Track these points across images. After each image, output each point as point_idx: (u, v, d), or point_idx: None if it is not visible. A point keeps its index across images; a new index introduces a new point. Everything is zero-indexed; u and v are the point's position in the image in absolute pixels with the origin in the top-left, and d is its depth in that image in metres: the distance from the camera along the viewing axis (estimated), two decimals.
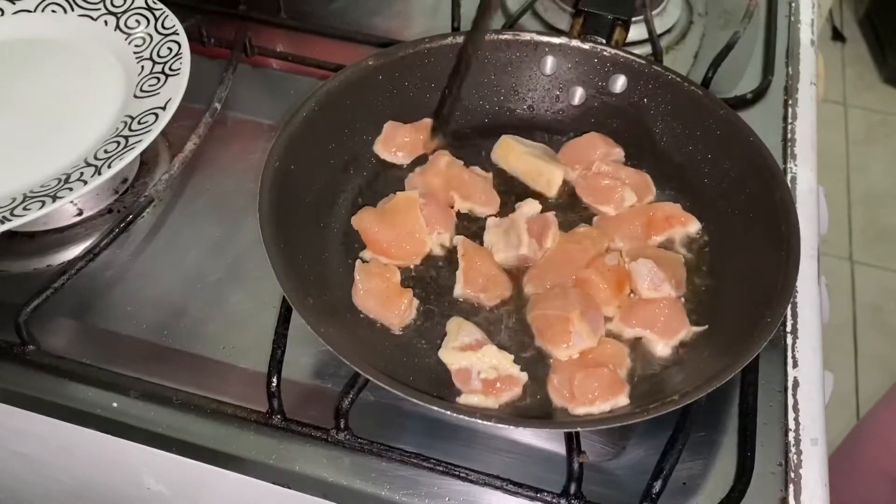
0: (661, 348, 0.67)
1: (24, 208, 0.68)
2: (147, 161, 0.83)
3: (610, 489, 0.62)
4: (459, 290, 0.69)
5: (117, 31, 0.85)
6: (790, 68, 0.98)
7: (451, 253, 0.72)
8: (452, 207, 0.75)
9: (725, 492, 0.62)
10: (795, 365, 0.71)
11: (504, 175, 0.79)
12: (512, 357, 0.64)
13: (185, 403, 0.65)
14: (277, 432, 0.64)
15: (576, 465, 0.60)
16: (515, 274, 0.72)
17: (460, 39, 0.80)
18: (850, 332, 2.19)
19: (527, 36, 0.82)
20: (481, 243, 0.73)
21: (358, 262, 0.70)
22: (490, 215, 0.75)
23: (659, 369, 0.66)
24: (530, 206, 0.75)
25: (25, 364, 0.67)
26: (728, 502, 0.61)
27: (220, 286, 0.74)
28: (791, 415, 0.67)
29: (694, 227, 0.75)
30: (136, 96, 0.79)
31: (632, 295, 0.70)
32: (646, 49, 0.94)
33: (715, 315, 0.69)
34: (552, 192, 0.78)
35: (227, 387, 0.67)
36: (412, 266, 0.71)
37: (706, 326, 0.67)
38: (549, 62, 0.82)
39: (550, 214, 0.74)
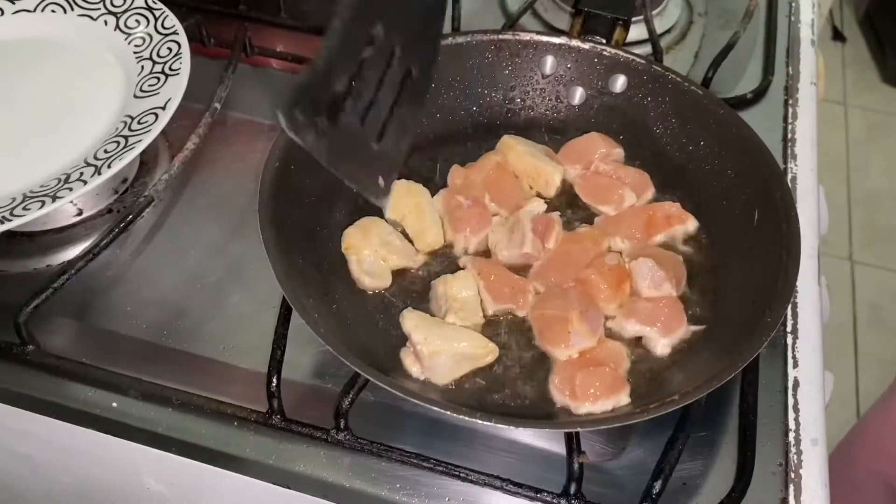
0: (661, 347, 0.67)
1: (24, 208, 0.68)
2: (147, 161, 0.83)
3: (610, 489, 0.62)
4: (491, 308, 0.69)
5: (117, 30, 0.85)
6: (790, 68, 0.98)
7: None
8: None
9: (725, 492, 0.61)
10: (795, 365, 0.71)
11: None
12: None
13: (185, 403, 0.65)
14: (277, 432, 0.64)
15: (576, 465, 0.60)
16: (521, 273, 0.72)
17: (460, 39, 0.80)
18: (850, 332, 2.19)
19: (527, 36, 0.82)
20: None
21: None
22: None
23: (659, 369, 0.66)
24: (535, 205, 0.75)
25: (25, 364, 0.67)
26: (728, 502, 0.61)
27: (220, 286, 0.74)
28: (791, 415, 0.67)
29: (693, 225, 0.75)
30: (135, 96, 0.79)
31: (632, 294, 0.70)
32: (646, 49, 0.94)
33: (715, 315, 0.69)
34: (551, 192, 0.78)
35: (227, 387, 0.67)
36: (415, 265, 0.72)
37: (704, 326, 0.67)
38: (549, 62, 0.82)
39: (555, 214, 0.74)
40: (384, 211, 0.66)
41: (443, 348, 0.63)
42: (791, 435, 0.66)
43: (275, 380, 0.63)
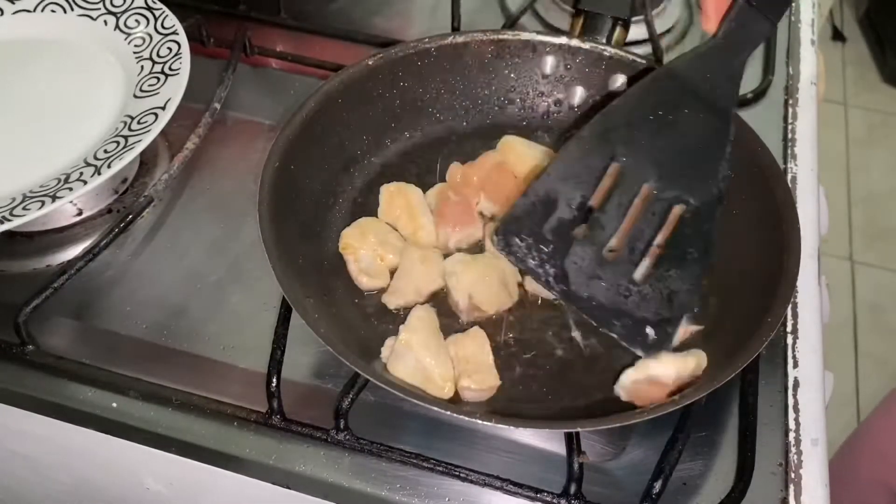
0: None
1: (24, 208, 0.68)
2: (147, 161, 0.83)
3: (610, 489, 0.62)
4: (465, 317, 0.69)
5: (117, 30, 0.85)
6: (790, 68, 0.98)
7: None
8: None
9: (725, 492, 0.61)
10: (795, 365, 0.71)
11: None
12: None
13: (185, 403, 0.65)
14: (277, 432, 0.64)
15: (576, 466, 0.60)
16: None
17: (460, 39, 0.80)
18: (850, 332, 2.19)
19: (527, 36, 0.82)
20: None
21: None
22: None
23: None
24: None
25: (25, 364, 0.67)
26: (728, 502, 0.61)
27: (220, 286, 0.74)
28: (791, 415, 0.67)
29: None
30: (135, 96, 0.79)
31: None
32: (646, 49, 0.94)
33: (714, 315, 0.69)
34: None
35: (227, 387, 0.67)
36: None
37: (703, 326, 0.67)
38: (549, 62, 0.82)
39: None
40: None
41: (414, 348, 0.62)
42: (791, 435, 0.66)
43: (275, 380, 0.63)
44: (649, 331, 0.58)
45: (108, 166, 0.70)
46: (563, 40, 0.82)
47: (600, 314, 0.60)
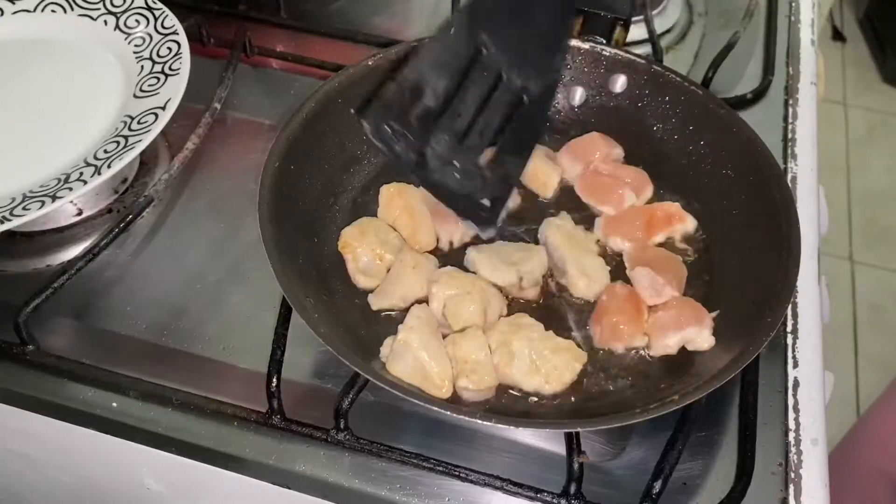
0: (706, 339, 0.65)
1: (24, 208, 0.68)
2: (147, 161, 0.83)
3: (610, 489, 0.62)
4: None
5: (117, 30, 0.85)
6: (790, 68, 0.98)
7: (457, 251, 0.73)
8: None
9: (725, 492, 0.62)
10: (795, 365, 0.71)
11: None
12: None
13: (185, 403, 0.65)
14: (277, 432, 0.64)
15: (576, 465, 0.60)
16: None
17: None
18: (850, 332, 2.19)
19: None
20: None
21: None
22: None
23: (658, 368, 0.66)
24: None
25: (25, 364, 0.67)
26: (728, 502, 0.61)
27: (220, 286, 0.74)
28: (791, 415, 0.67)
29: (692, 224, 0.75)
30: (135, 96, 0.79)
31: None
32: (646, 49, 0.94)
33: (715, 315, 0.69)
34: (548, 193, 0.78)
35: (226, 387, 0.67)
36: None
37: (719, 311, 0.67)
38: None
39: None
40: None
41: (413, 347, 0.62)
42: (791, 435, 0.66)
43: (275, 380, 0.63)
44: (484, 207, 0.63)
45: (109, 166, 0.70)
46: None
47: (448, 197, 0.63)
